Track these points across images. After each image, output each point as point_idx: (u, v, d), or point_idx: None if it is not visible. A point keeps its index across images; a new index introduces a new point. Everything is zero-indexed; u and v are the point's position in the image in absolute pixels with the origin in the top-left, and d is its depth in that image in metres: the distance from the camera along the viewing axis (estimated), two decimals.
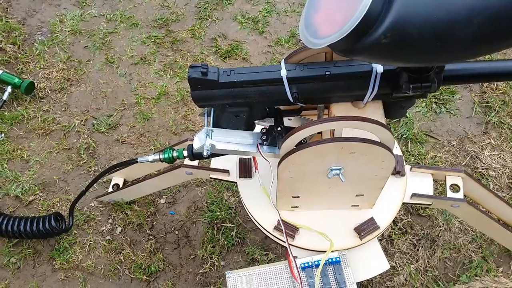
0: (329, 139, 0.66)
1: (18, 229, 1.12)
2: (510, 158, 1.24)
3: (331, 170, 0.73)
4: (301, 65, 0.72)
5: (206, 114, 0.81)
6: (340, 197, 0.83)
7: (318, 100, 0.76)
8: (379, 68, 0.70)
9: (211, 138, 0.77)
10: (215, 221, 1.19)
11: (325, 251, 0.82)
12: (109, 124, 1.37)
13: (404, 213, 1.17)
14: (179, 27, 1.57)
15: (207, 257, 1.14)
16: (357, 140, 0.66)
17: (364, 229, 0.84)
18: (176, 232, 1.19)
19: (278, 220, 0.84)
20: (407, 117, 1.31)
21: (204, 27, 1.57)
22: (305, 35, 0.56)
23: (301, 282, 0.78)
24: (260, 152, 0.77)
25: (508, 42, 0.50)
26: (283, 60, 0.74)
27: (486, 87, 1.36)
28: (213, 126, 0.79)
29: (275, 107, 0.80)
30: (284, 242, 0.82)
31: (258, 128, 0.81)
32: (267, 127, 0.80)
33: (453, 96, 1.36)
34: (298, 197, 0.83)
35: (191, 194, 1.24)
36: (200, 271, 1.12)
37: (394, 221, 1.16)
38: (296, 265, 0.79)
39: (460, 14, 0.47)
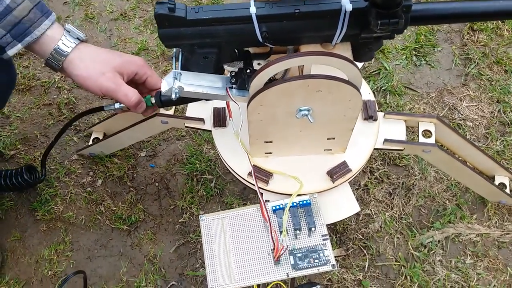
0: (295, 77, 0.66)
1: None
2: (487, 109, 1.25)
3: (300, 110, 0.73)
4: (271, 3, 0.71)
5: (174, 58, 0.81)
6: (312, 141, 0.84)
7: (287, 41, 0.76)
8: (348, 6, 0.69)
9: (180, 81, 0.77)
10: (195, 173, 1.20)
11: (298, 194, 0.84)
12: None
13: (380, 163, 1.18)
14: None
15: (187, 207, 1.16)
16: (323, 77, 0.66)
17: (336, 172, 0.85)
18: (156, 184, 1.20)
19: (253, 166, 0.85)
20: (387, 69, 1.31)
21: None
22: None
23: (270, 221, 0.80)
24: (229, 95, 0.77)
25: None
26: None
27: (467, 39, 1.36)
28: (181, 69, 0.79)
29: (244, 49, 0.80)
30: (258, 187, 0.83)
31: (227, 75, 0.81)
32: (236, 71, 0.80)
33: (434, 49, 1.35)
34: (271, 142, 0.84)
35: (171, 147, 1.25)
36: (180, 221, 1.14)
37: (370, 171, 1.17)
38: (265, 205, 0.81)
39: None
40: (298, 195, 0.84)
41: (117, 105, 0.87)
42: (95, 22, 1.48)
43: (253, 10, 0.70)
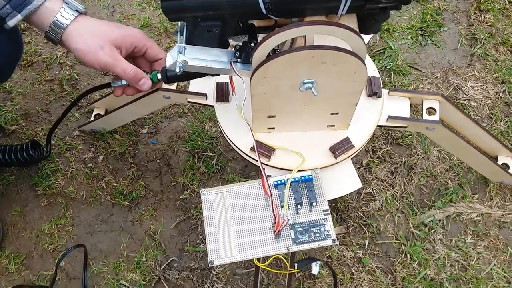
0: (299, 47, 0.65)
1: None
2: (492, 89, 1.24)
3: (304, 83, 0.72)
4: None
5: (179, 32, 0.80)
6: (315, 116, 0.83)
7: (291, 13, 0.75)
8: None
9: (184, 55, 0.76)
10: (196, 150, 1.20)
11: (300, 170, 0.83)
12: None
13: (383, 143, 1.18)
14: None
15: (188, 184, 1.16)
16: (327, 48, 0.65)
17: (338, 148, 0.85)
18: (158, 161, 1.20)
19: (255, 141, 0.84)
20: (392, 49, 1.30)
21: None
22: None
23: (271, 195, 0.79)
24: (234, 69, 0.77)
25: None
26: None
27: (474, 19, 1.34)
28: (186, 44, 0.78)
29: (249, 22, 0.79)
30: (261, 163, 0.82)
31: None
32: (241, 45, 0.79)
33: (440, 29, 1.34)
34: (274, 116, 0.83)
35: (173, 124, 1.24)
36: (181, 197, 1.14)
37: (373, 150, 1.17)
38: (267, 180, 0.80)
39: None
40: (300, 170, 0.83)
41: (124, 81, 0.86)
42: None
43: None
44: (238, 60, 0.77)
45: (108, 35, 0.80)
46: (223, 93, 0.93)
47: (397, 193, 1.12)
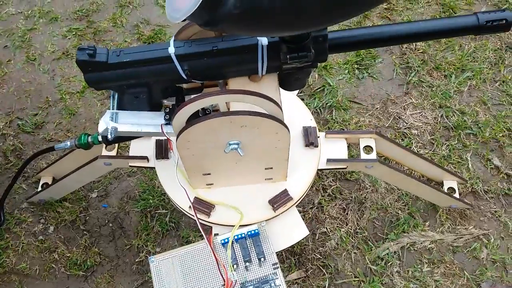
0: (215, 114, 0.67)
1: None
2: (431, 115, 1.27)
3: (229, 144, 0.73)
4: (190, 42, 0.72)
5: (111, 97, 0.81)
6: (250, 172, 0.84)
7: (212, 76, 0.76)
8: (264, 40, 0.70)
9: (116, 121, 0.77)
10: (149, 209, 1.19)
11: (242, 225, 0.84)
12: (35, 123, 1.34)
13: (332, 180, 1.19)
14: (100, 17, 1.54)
15: (143, 246, 1.14)
16: (243, 113, 0.66)
17: (277, 201, 0.86)
18: (110, 224, 1.18)
19: (193, 198, 0.84)
20: (330, 85, 1.33)
21: (125, 14, 1.54)
22: (167, 9, 0.56)
23: (215, 257, 0.79)
24: (163, 132, 0.77)
25: (349, 10, 0.51)
26: (173, 37, 0.73)
27: (406, 48, 1.39)
28: (117, 109, 0.79)
29: (176, 85, 0.80)
30: (198, 219, 0.82)
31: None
32: (170, 107, 0.80)
33: (375, 60, 1.38)
34: (209, 174, 0.84)
35: (123, 185, 1.23)
36: (137, 260, 1.12)
37: (323, 188, 1.18)
38: (208, 240, 0.80)
39: None
40: (241, 225, 0.83)
41: (68, 144, 0.87)
42: (37, 64, 1.45)
43: (172, 50, 0.71)
44: (169, 122, 0.78)
45: None
46: (162, 150, 0.93)
47: (351, 229, 1.13)
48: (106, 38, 1.50)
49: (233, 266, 0.81)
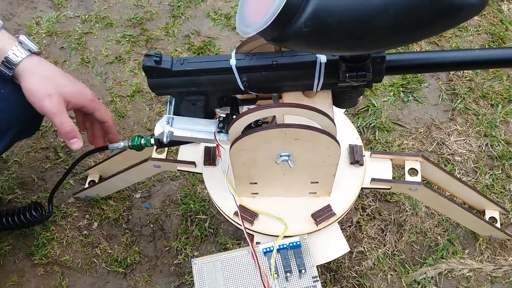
0: (271, 125, 0.70)
1: (1, 223, 1.14)
2: (475, 143, 1.27)
3: (280, 156, 0.76)
4: (250, 55, 0.75)
5: (168, 103, 0.85)
6: (296, 184, 0.86)
7: (268, 89, 0.79)
8: (322, 58, 0.72)
9: (171, 126, 0.81)
10: (189, 214, 1.22)
11: (284, 236, 0.85)
12: None
13: (372, 200, 1.20)
14: (153, 25, 1.60)
15: (181, 248, 1.17)
16: (297, 126, 0.69)
17: (320, 215, 0.87)
18: (151, 225, 1.22)
19: (239, 205, 0.87)
20: (375, 106, 1.34)
21: (177, 24, 1.59)
22: (238, 24, 0.59)
23: (258, 265, 0.81)
24: (216, 139, 0.81)
25: (423, 32, 0.53)
26: (234, 49, 0.77)
27: (453, 74, 1.39)
28: (174, 114, 0.83)
29: (232, 96, 0.83)
30: (245, 227, 0.84)
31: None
32: (224, 115, 0.83)
33: (421, 85, 1.38)
34: (256, 183, 0.86)
35: (166, 188, 1.27)
36: (175, 262, 1.15)
37: (362, 208, 1.19)
38: (253, 248, 0.82)
39: (376, 4, 0.50)
40: (285, 236, 0.85)
41: (121, 145, 0.92)
42: (91, 66, 1.52)
43: (233, 62, 0.74)
44: (222, 130, 0.82)
45: (61, 87, 0.84)
46: (210, 157, 0.96)
47: (389, 250, 1.13)
48: (158, 46, 1.55)
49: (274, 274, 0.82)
